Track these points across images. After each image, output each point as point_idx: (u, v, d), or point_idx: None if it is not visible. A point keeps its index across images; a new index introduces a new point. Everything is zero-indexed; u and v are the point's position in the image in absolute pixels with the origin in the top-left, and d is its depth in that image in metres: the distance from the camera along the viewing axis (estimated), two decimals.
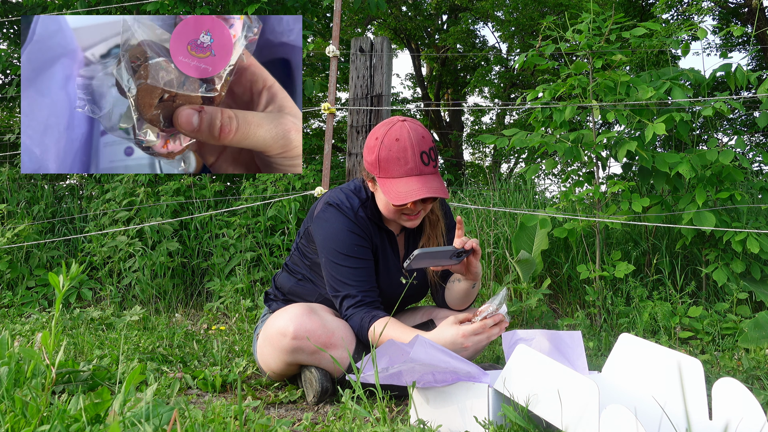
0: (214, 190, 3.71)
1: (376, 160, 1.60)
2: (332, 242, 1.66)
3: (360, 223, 1.68)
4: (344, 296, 1.65)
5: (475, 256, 1.61)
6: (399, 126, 1.59)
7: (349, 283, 1.64)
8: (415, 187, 1.56)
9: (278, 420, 1.30)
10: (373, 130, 1.65)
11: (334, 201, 1.70)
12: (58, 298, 1.18)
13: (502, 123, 13.85)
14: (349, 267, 1.65)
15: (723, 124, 8.50)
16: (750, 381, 1.83)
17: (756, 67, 9.61)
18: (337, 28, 3.01)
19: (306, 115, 10.30)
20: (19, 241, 3.55)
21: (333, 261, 1.66)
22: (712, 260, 2.56)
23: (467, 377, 1.32)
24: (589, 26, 2.55)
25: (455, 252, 1.55)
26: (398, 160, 1.56)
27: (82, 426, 1.02)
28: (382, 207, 1.69)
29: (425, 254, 1.49)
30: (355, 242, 1.66)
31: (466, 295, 1.78)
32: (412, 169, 1.57)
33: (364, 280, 1.66)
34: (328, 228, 1.67)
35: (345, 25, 11.11)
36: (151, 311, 3.21)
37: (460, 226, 1.60)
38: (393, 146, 1.57)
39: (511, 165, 13.14)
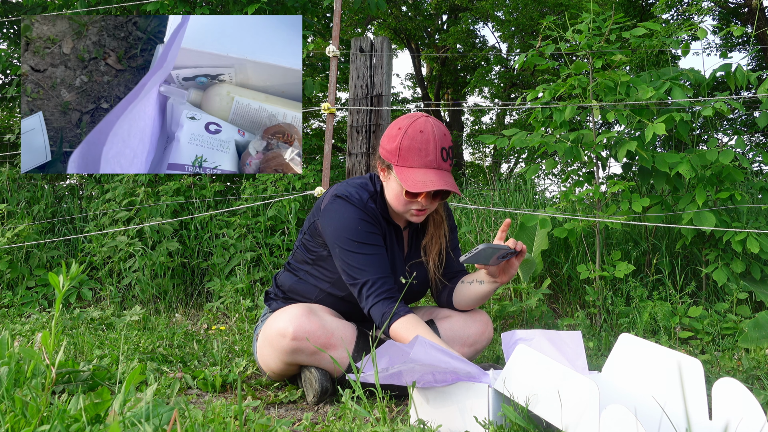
0: (214, 190, 3.71)
1: (396, 148, 1.61)
2: (344, 231, 1.65)
3: (370, 214, 1.69)
4: (363, 283, 1.63)
5: (519, 257, 1.63)
6: (423, 120, 1.63)
7: (367, 270, 1.63)
8: (433, 179, 1.58)
9: (278, 420, 1.30)
10: (395, 122, 1.67)
11: (343, 193, 1.70)
12: (58, 298, 1.18)
13: (502, 123, 13.85)
14: (364, 254, 1.64)
15: (723, 124, 8.50)
16: (750, 381, 1.83)
17: (756, 67, 9.61)
18: (337, 28, 3.01)
19: (306, 115, 10.29)
20: (19, 241, 3.55)
21: (347, 250, 1.65)
22: (712, 260, 2.56)
23: (467, 377, 1.32)
24: (589, 26, 2.55)
25: (508, 251, 1.57)
26: (420, 150, 1.59)
27: (82, 426, 1.02)
28: (391, 198, 1.69)
29: (488, 249, 1.50)
30: (368, 230, 1.67)
31: (483, 298, 1.78)
32: (431, 161, 1.60)
33: (381, 267, 1.65)
34: (338, 218, 1.67)
35: (345, 25, 11.11)
36: (151, 311, 3.21)
37: (505, 229, 1.62)
38: (417, 137, 1.60)
39: (511, 165, 13.14)
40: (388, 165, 1.67)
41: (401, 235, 1.81)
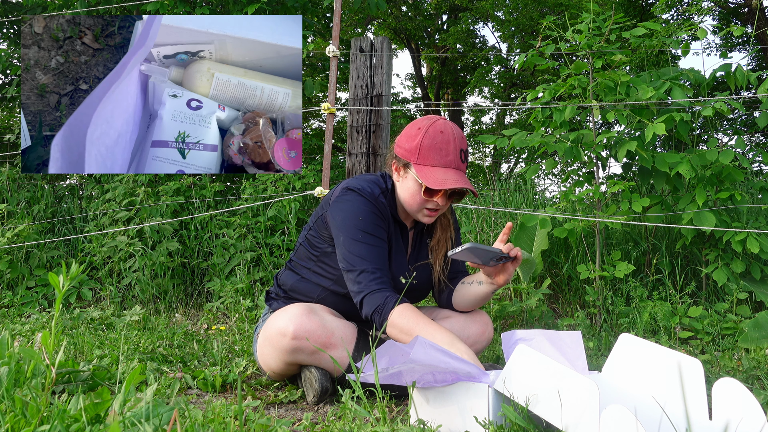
0: (214, 190, 3.71)
1: (417, 147, 1.64)
2: (352, 220, 1.67)
3: (380, 208, 1.71)
4: (361, 270, 1.63)
5: (515, 263, 1.64)
6: (443, 122, 1.67)
7: (367, 259, 1.64)
8: (454, 177, 1.61)
9: (278, 420, 1.30)
10: (414, 123, 1.70)
11: (355, 186, 1.72)
12: (58, 298, 1.18)
13: (502, 123, 13.86)
14: (367, 244, 1.65)
15: (723, 124, 8.50)
16: (750, 381, 1.83)
17: (756, 67, 9.61)
18: (337, 28, 3.01)
19: (306, 115, 10.29)
20: (19, 241, 3.55)
21: (352, 238, 1.66)
22: (712, 260, 2.56)
23: (467, 377, 1.32)
24: (589, 26, 2.55)
25: (500, 255, 1.57)
26: (440, 150, 1.63)
27: (82, 426, 1.02)
28: (407, 197, 1.70)
29: (474, 248, 1.51)
30: (376, 222, 1.68)
31: (482, 299, 1.78)
32: (451, 161, 1.63)
33: (381, 260, 1.66)
34: (348, 209, 1.69)
35: (345, 25, 11.11)
36: (151, 311, 3.21)
37: (507, 232, 1.63)
38: (437, 137, 1.63)
39: (511, 165, 13.15)
40: (405, 164, 1.68)
41: (407, 234, 1.82)
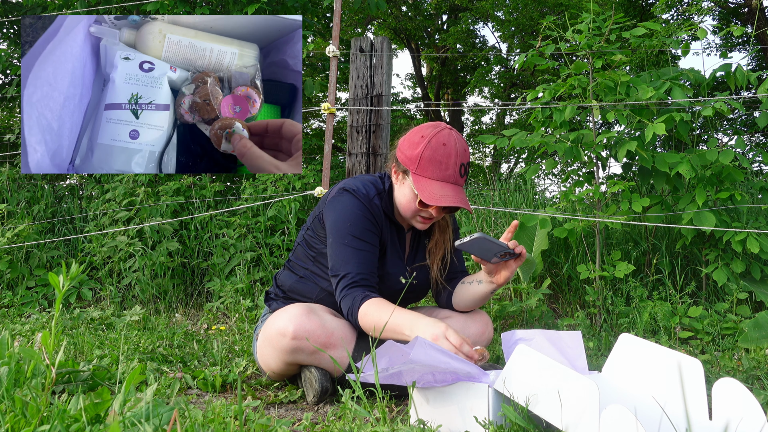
0: (214, 190, 3.71)
1: (417, 156, 1.62)
2: (342, 222, 1.67)
3: (374, 211, 1.70)
4: (343, 275, 1.64)
5: (518, 261, 1.63)
6: (447, 132, 1.64)
7: (350, 263, 1.64)
8: (450, 194, 1.60)
9: (278, 420, 1.30)
10: (419, 128, 1.68)
11: (350, 187, 1.72)
12: (58, 298, 1.18)
13: (502, 123, 13.85)
14: (353, 248, 1.65)
15: (723, 124, 8.50)
16: (750, 381, 1.82)
17: (756, 67, 9.61)
18: (337, 28, 3.01)
19: (306, 115, 10.29)
20: (19, 241, 3.55)
21: (339, 241, 1.66)
22: (712, 260, 2.56)
23: (467, 377, 1.32)
24: (589, 26, 2.55)
25: (505, 250, 1.57)
26: (440, 163, 1.61)
27: (82, 426, 1.02)
28: (402, 203, 1.71)
29: (483, 239, 1.50)
30: (366, 226, 1.68)
31: (482, 298, 1.78)
32: (450, 176, 1.62)
33: (366, 264, 1.66)
34: (340, 210, 1.69)
35: (345, 25, 11.11)
36: (151, 311, 3.21)
37: (512, 230, 1.62)
38: (439, 149, 1.61)
39: (511, 165, 13.15)
40: (404, 170, 1.68)
41: (404, 236, 1.81)
